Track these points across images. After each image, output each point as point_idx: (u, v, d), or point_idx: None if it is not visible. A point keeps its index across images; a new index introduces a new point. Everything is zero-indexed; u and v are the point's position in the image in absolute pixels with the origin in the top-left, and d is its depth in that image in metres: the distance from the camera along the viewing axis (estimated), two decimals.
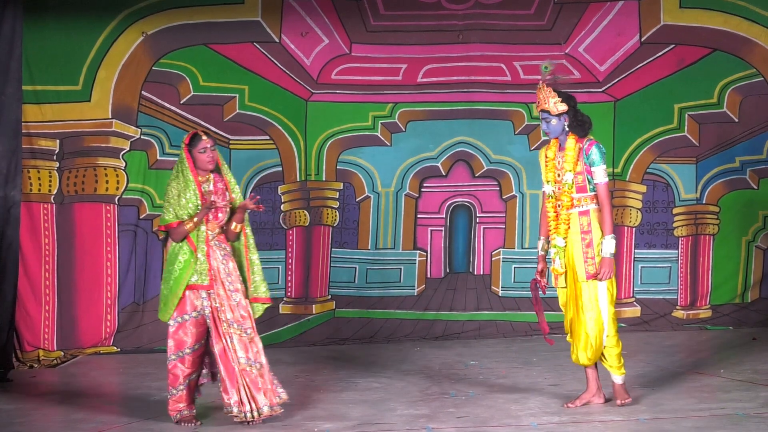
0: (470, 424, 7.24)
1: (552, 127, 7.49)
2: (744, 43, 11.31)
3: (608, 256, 7.33)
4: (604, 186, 7.38)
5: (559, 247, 7.47)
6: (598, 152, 7.38)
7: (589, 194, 7.41)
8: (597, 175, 7.37)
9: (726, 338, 10.65)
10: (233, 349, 7.39)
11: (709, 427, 6.86)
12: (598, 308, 7.42)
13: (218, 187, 7.53)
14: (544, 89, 7.48)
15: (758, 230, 11.45)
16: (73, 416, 7.79)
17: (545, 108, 7.46)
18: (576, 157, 7.41)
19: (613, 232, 7.38)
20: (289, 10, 10.94)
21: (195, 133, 7.54)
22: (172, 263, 7.34)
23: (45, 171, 10.47)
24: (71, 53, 10.53)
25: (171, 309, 7.32)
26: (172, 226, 7.32)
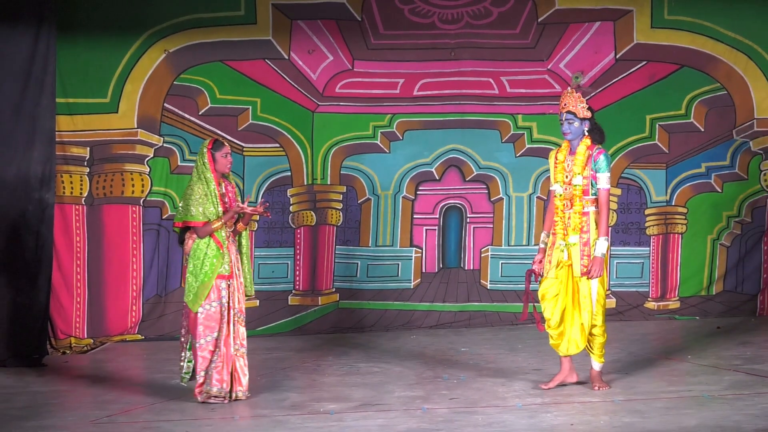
0: (461, 405, 7.25)
1: (574, 128, 7.48)
2: (709, 60, 11.31)
3: (600, 255, 7.34)
4: (606, 192, 7.39)
5: (573, 243, 7.44)
6: (605, 160, 7.40)
7: (591, 197, 7.42)
8: (601, 180, 7.38)
9: (693, 327, 10.65)
10: (234, 336, 7.47)
11: (678, 407, 6.86)
12: (591, 302, 7.43)
13: (229, 189, 7.59)
14: (573, 94, 7.49)
15: (722, 229, 11.45)
16: (102, 397, 7.80)
17: (572, 110, 7.45)
18: (585, 162, 7.41)
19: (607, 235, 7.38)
20: (297, 30, 10.94)
21: (217, 138, 7.65)
22: (200, 257, 7.38)
23: (77, 176, 10.48)
24: (100, 69, 10.53)
25: (202, 299, 7.37)
26: (200, 224, 7.37)
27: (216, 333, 7.41)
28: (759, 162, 11.40)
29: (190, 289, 7.41)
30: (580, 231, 7.42)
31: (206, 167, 7.46)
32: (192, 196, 7.41)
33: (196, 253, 7.42)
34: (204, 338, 7.39)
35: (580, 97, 7.49)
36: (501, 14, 11.17)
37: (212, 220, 7.38)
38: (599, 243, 7.36)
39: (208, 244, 7.40)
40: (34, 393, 8.09)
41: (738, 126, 11.37)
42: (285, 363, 9.19)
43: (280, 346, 10.16)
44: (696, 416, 6.58)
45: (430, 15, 11.12)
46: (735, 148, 11.40)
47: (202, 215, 7.38)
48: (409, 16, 11.10)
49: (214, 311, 7.41)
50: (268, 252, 10.97)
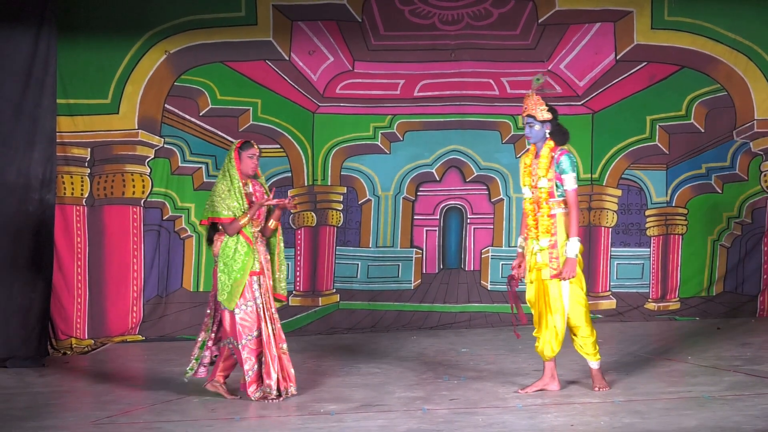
0: (462, 405, 7.25)
1: (535, 132, 7.47)
2: (709, 61, 11.31)
3: (572, 256, 7.29)
4: (573, 192, 7.33)
5: (544, 246, 7.44)
6: (568, 161, 7.34)
7: (557, 199, 7.37)
8: (567, 182, 7.33)
9: (693, 328, 10.65)
10: (276, 335, 7.55)
11: (678, 408, 6.87)
12: (562, 305, 7.39)
13: (256, 189, 7.68)
14: (533, 97, 7.48)
15: (722, 230, 11.46)
16: (103, 398, 7.80)
17: (532, 113, 7.44)
18: (548, 165, 7.39)
19: (579, 236, 7.33)
20: (297, 31, 10.95)
21: (247, 140, 7.73)
22: (231, 255, 7.45)
23: (77, 176, 10.48)
24: (101, 70, 10.54)
25: (237, 296, 7.44)
26: (227, 221, 7.45)
27: (257, 332, 7.49)
28: (759, 163, 11.41)
29: (223, 287, 7.46)
30: (549, 234, 7.39)
31: (232, 165, 7.56)
32: (215, 193, 7.51)
33: (226, 251, 7.49)
34: (246, 337, 7.47)
35: (539, 100, 7.47)
36: (501, 15, 11.18)
37: (238, 216, 7.45)
38: (570, 244, 7.30)
39: (237, 240, 7.47)
40: (35, 393, 8.09)
41: (738, 127, 11.38)
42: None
43: None
44: (696, 417, 6.58)
45: (430, 16, 11.13)
46: (735, 149, 11.41)
47: (227, 211, 7.46)
48: (410, 17, 11.11)
49: (251, 310, 7.49)
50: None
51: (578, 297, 7.43)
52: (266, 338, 7.49)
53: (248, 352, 7.47)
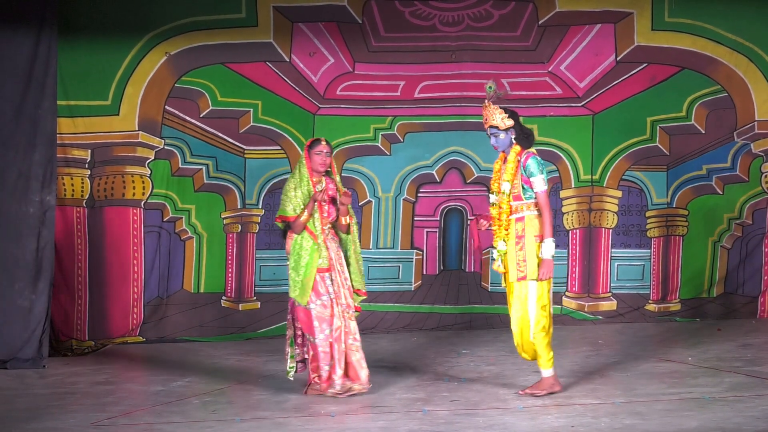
0: (462, 407, 7.25)
1: (500, 141, 7.47)
2: (710, 62, 11.31)
3: (548, 257, 7.27)
4: (543, 194, 7.30)
5: (502, 250, 7.42)
6: (534, 163, 7.32)
7: (525, 202, 7.35)
8: (535, 184, 7.31)
9: (693, 329, 10.65)
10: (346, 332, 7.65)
11: (679, 409, 6.87)
12: (525, 308, 7.36)
13: (330, 187, 7.78)
14: (490, 107, 7.49)
15: (723, 231, 11.45)
16: (104, 399, 7.80)
17: (494, 124, 7.45)
18: (515, 169, 7.37)
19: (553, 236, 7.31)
20: (298, 32, 10.94)
21: (316, 138, 7.85)
22: (297, 252, 7.59)
23: (78, 178, 10.48)
24: (101, 71, 10.53)
25: (308, 292, 7.56)
26: (291, 219, 7.58)
27: (329, 328, 7.59)
28: (760, 164, 11.40)
29: (294, 284, 7.59)
30: (515, 236, 7.36)
31: (302, 164, 7.70)
32: (285, 192, 7.68)
33: (294, 248, 7.63)
34: (322, 333, 7.57)
35: (497, 108, 7.48)
36: (502, 17, 11.18)
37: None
38: (545, 244, 7.27)
39: (303, 237, 7.60)
40: (36, 395, 8.09)
41: (739, 128, 11.37)
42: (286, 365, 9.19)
43: (281, 348, 10.14)
44: (696, 418, 6.58)
45: (430, 17, 11.13)
46: (736, 150, 11.40)
47: (292, 210, 7.59)
48: (410, 19, 11.10)
49: (325, 306, 7.59)
50: (270, 254, 10.97)
51: (542, 301, 7.37)
52: (336, 334, 7.58)
53: (326, 348, 7.59)
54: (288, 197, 7.64)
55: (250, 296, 10.92)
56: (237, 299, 10.89)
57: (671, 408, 6.92)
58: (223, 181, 10.88)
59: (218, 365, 9.24)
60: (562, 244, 11.29)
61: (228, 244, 10.89)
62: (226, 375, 8.74)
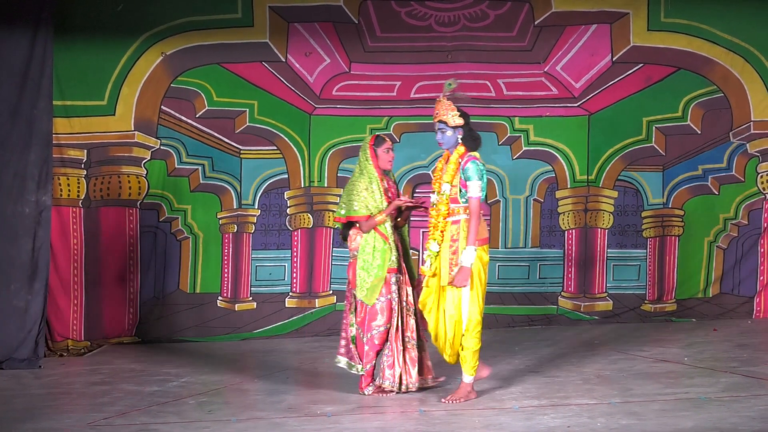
0: (459, 406, 7.25)
1: (446, 138, 7.44)
2: (705, 63, 11.32)
3: (466, 265, 7.23)
4: (476, 200, 7.26)
5: (433, 251, 7.38)
6: (474, 168, 7.28)
7: (462, 205, 7.33)
8: (470, 189, 7.28)
9: (689, 329, 10.65)
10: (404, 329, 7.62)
11: (675, 409, 6.87)
12: (459, 311, 7.32)
13: (390, 185, 7.80)
14: (444, 102, 7.48)
15: (719, 232, 11.46)
16: (99, 400, 7.80)
17: (443, 119, 7.43)
18: (455, 170, 7.35)
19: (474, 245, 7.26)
20: (294, 32, 10.94)
21: (378, 135, 7.84)
22: (369, 252, 7.59)
23: (74, 178, 10.47)
24: (97, 71, 10.53)
25: (377, 293, 7.57)
26: (363, 219, 7.59)
27: (386, 325, 7.58)
28: (756, 164, 11.41)
29: (362, 284, 7.59)
30: (450, 240, 7.33)
31: (369, 162, 7.70)
32: (354, 191, 7.64)
33: (365, 248, 7.61)
34: (377, 329, 7.58)
35: (450, 105, 7.46)
36: (498, 17, 11.18)
37: (374, 213, 7.56)
38: (465, 252, 7.23)
39: (375, 237, 7.58)
40: (31, 395, 8.08)
41: (735, 128, 11.38)
42: (282, 365, 9.19)
43: (277, 348, 10.16)
44: (693, 418, 6.58)
45: (426, 18, 11.13)
46: (732, 151, 11.41)
47: (365, 209, 7.59)
48: (406, 19, 11.10)
49: (383, 306, 7.59)
50: (266, 254, 10.97)
51: (474, 307, 7.34)
52: (394, 332, 7.59)
53: (370, 347, 7.60)
54: (359, 196, 7.60)
55: (246, 296, 10.92)
56: (233, 299, 10.89)
57: (667, 408, 6.92)
58: (219, 182, 10.87)
59: (214, 365, 9.23)
60: (558, 244, 11.31)
61: (224, 244, 10.89)
62: (222, 375, 8.74)
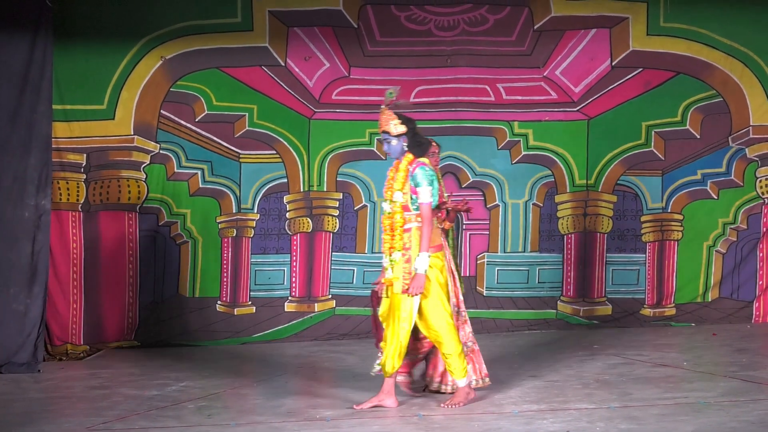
0: (457, 411, 7.24)
1: (392, 147, 7.38)
2: (705, 67, 11.32)
3: (421, 272, 7.20)
4: (427, 206, 7.23)
5: (394, 260, 7.34)
6: (422, 174, 7.25)
7: (413, 213, 7.31)
8: (420, 195, 7.24)
9: (689, 334, 10.65)
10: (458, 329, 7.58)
11: (674, 414, 6.86)
12: (410, 320, 7.28)
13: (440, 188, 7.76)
14: (385, 112, 7.41)
15: (718, 236, 11.46)
16: (98, 404, 7.79)
17: (386, 129, 7.37)
18: (405, 178, 7.32)
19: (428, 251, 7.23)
20: (293, 36, 10.94)
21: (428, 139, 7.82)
22: None
23: (73, 182, 10.47)
24: (97, 75, 10.52)
25: None
26: None
27: None
28: (755, 169, 11.41)
29: None
30: (402, 248, 7.31)
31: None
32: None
33: None
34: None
35: (392, 114, 7.40)
36: (497, 21, 11.18)
37: None
38: (419, 259, 7.20)
39: None
40: (30, 399, 8.08)
41: (734, 133, 11.38)
42: (281, 369, 9.18)
43: (276, 353, 10.15)
44: (692, 423, 6.58)
45: (426, 22, 11.13)
46: (731, 155, 11.41)
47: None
48: (406, 23, 11.10)
49: None
50: (265, 259, 10.97)
51: (440, 313, 7.31)
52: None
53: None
54: None
55: (245, 301, 10.91)
56: (232, 304, 10.88)
57: (667, 413, 6.91)
58: (219, 186, 10.87)
59: (213, 370, 9.22)
60: (557, 249, 11.31)
61: (223, 248, 10.88)
62: (221, 379, 8.73)
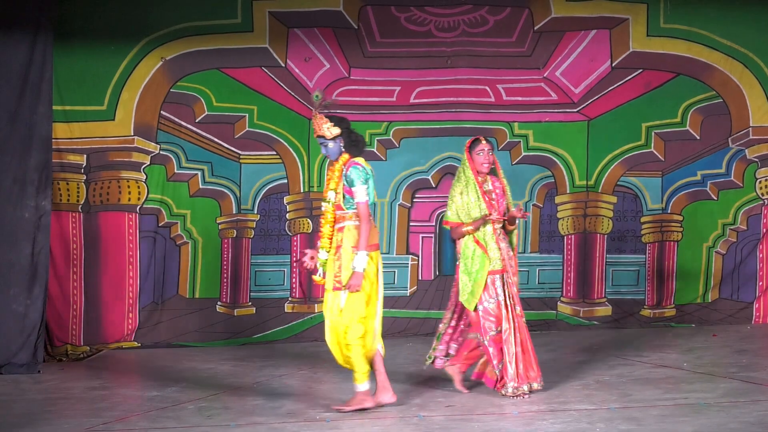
0: (458, 412, 7.24)
1: (330, 150, 7.37)
2: (705, 69, 11.32)
3: (359, 270, 7.19)
4: (363, 205, 7.25)
5: (322, 259, 7.36)
6: (355, 173, 7.25)
7: (346, 212, 7.30)
8: (356, 194, 7.25)
9: (688, 335, 10.64)
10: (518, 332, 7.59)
11: (674, 415, 6.86)
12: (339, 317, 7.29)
13: (496, 186, 7.80)
14: (318, 117, 7.36)
15: (718, 237, 11.45)
16: (98, 404, 7.79)
17: (321, 134, 7.35)
18: (339, 178, 7.32)
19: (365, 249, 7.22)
20: (293, 37, 10.94)
21: (477, 137, 7.86)
22: (469, 256, 7.68)
23: (73, 183, 10.46)
24: (97, 76, 10.52)
25: (477, 297, 7.61)
26: (451, 225, 7.71)
27: (498, 328, 7.59)
28: (754, 170, 11.41)
29: (464, 288, 7.66)
30: (335, 246, 7.31)
31: (466, 166, 7.75)
32: (451, 195, 7.76)
33: (465, 252, 7.68)
34: (491, 332, 7.60)
35: (323, 118, 7.37)
36: (497, 22, 11.18)
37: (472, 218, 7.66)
38: (357, 257, 7.19)
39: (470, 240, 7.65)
40: (30, 400, 8.07)
41: (733, 134, 11.38)
42: (281, 370, 9.18)
43: (276, 354, 10.15)
44: (692, 424, 6.57)
45: (426, 23, 11.13)
46: (730, 156, 11.41)
47: (455, 216, 7.70)
48: (406, 24, 11.10)
49: (493, 306, 7.60)
50: (265, 259, 10.96)
51: (357, 313, 7.30)
52: (506, 335, 7.57)
53: (495, 349, 7.60)
54: (453, 201, 7.71)
55: (245, 301, 10.90)
56: (232, 304, 10.87)
57: (667, 413, 6.91)
58: (219, 186, 10.87)
59: (213, 371, 9.22)
60: (557, 250, 11.30)
61: (223, 249, 10.88)
62: (221, 380, 8.72)
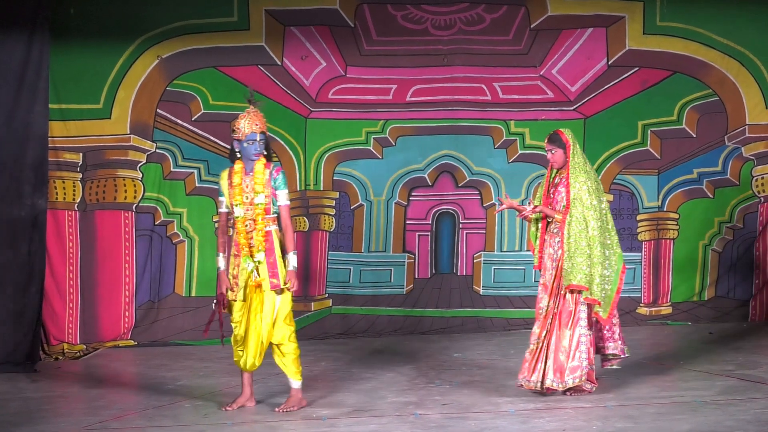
0: (454, 410, 7.25)
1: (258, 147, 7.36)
2: (701, 67, 11.33)
3: (292, 269, 7.29)
4: (287, 207, 7.36)
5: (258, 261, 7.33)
6: (282, 177, 7.36)
7: (272, 216, 7.36)
8: (281, 197, 7.33)
9: (685, 333, 10.66)
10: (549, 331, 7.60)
11: (671, 413, 6.87)
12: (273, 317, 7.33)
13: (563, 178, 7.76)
14: (258, 113, 7.41)
15: (714, 235, 11.46)
16: (95, 403, 7.79)
17: (262, 129, 7.38)
18: (268, 181, 7.34)
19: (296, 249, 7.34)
20: (290, 36, 10.93)
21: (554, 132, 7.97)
22: None
23: (69, 181, 10.46)
24: (93, 74, 10.51)
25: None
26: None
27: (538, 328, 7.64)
28: (751, 168, 11.42)
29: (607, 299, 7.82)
30: (265, 250, 7.33)
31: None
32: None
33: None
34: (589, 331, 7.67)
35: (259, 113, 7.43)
36: (494, 20, 11.18)
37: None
38: (290, 257, 7.30)
39: None
40: (27, 399, 8.07)
41: (730, 132, 11.39)
42: (277, 369, 9.17)
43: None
44: (688, 422, 6.58)
45: (423, 21, 11.13)
46: (727, 154, 11.42)
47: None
48: (402, 23, 11.10)
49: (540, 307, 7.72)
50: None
51: (288, 312, 7.37)
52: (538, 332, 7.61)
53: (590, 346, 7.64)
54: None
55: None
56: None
57: (663, 411, 6.92)
58: (215, 185, 10.82)
59: (210, 369, 9.22)
60: None
61: None
62: (218, 379, 8.73)
